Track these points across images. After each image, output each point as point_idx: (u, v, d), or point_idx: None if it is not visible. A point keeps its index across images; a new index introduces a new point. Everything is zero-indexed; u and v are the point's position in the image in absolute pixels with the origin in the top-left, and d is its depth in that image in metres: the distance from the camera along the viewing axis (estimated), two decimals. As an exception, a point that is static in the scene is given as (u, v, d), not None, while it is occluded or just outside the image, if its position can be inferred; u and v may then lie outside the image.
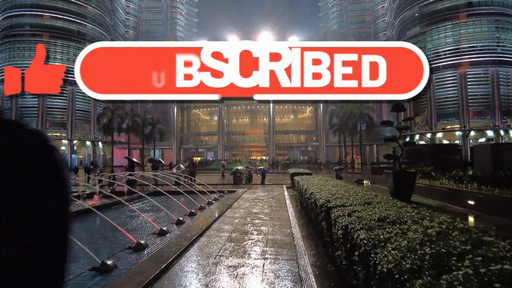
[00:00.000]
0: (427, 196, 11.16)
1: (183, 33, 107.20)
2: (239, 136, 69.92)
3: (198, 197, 11.07)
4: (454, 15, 56.67)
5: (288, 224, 6.76)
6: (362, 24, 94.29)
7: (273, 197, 11.58)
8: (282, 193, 13.06)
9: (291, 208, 8.94)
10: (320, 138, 66.57)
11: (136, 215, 8.77)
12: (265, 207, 9.20)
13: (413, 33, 62.67)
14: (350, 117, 46.97)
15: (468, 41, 55.60)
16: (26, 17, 61.27)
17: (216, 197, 11.25)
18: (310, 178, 9.95)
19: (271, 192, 13.47)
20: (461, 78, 55.93)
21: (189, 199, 10.30)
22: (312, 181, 8.41)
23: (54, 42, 61.91)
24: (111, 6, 76.22)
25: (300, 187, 8.61)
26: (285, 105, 69.92)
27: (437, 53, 58.65)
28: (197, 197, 11.02)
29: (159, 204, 8.92)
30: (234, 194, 12.23)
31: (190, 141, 73.24)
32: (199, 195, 11.58)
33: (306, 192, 7.07)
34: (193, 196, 10.81)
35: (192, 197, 10.66)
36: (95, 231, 7.62)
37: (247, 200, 10.66)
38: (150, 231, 6.75)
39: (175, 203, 9.94)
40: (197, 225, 6.61)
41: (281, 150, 68.76)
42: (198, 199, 10.74)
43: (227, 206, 8.82)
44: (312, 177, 10.18)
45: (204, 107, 72.75)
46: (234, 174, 18.23)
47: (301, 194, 8.47)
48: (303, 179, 9.53)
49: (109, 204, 10.33)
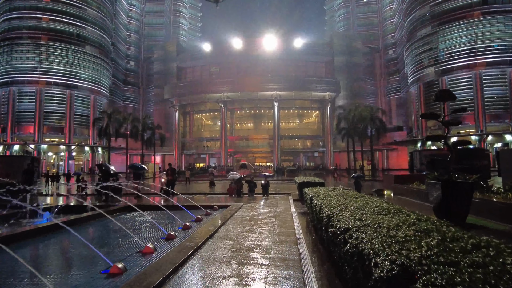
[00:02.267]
0: (481, 215, 8.40)
1: (186, 37, 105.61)
2: (243, 141, 67.37)
3: (177, 216, 8.42)
4: (468, 13, 53.91)
5: (300, 276, 4.09)
6: (370, 26, 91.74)
7: (276, 216, 8.88)
8: (288, 208, 10.36)
9: (301, 237, 6.27)
10: (327, 144, 63.72)
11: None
12: (264, 235, 6.51)
13: (424, 33, 60.00)
14: (360, 120, 44.14)
15: (483, 41, 52.72)
16: (24, 19, 59.94)
17: (200, 217, 8.53)
18: (326, 191, 7.28)
19: (274, 207, 10.76)
20: (476, 79, 52.97)
21: (162, 220, 7.70)
22: (332, 198, 5.78)
23: (53, 45, 60.44)
24: (112, 9, 74.78)
25: (316, 208, 5.94)
26: (290, 109, 67.48)
27: (451, 53, 55.86)
28: (175, 216, 8.38)
29: (110, 231, 6.31)
30: (226, 211, 9.53)
31: (192, 146, 70.88)
32: (180, 213, 8.97)
33: (329, 222, 4.41)
34: (167, 216, 8.23)
35: (165, 217, 8.08)
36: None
37: (241, 221, 7.97)
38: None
39: (136, 227, 7.38)
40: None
41: (286, 156, 65.97)
42: (170, 222, 8.15)
43: (207, 235, 6.15)
44: (328, 190, 7.52)
45: (207, 112, 70.53)
46: (238, 183, 15.53)
47: (317, 219, 5.77)
48: (317, 194, 6.86)
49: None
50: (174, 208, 9.77)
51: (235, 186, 15.38)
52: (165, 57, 75.64)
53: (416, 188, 12.45)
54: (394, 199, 12.96)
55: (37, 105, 58.47)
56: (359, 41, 79.24)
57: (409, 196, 12.93)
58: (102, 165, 13.53)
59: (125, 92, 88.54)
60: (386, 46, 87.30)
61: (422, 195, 11.43)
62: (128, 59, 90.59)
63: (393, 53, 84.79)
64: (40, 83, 59.01)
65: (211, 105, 65.78)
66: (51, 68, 59.84)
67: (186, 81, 70.20)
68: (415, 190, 12.42)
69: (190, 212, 8.76)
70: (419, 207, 9.86)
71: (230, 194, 15.69)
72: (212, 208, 10.28)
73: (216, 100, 62.06)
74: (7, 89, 58.35)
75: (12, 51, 59.19)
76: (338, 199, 5.59)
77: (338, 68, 69.76)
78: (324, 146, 65.35)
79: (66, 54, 61.56)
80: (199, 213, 9.27)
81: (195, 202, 11.66)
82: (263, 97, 61.36)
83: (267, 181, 16.12)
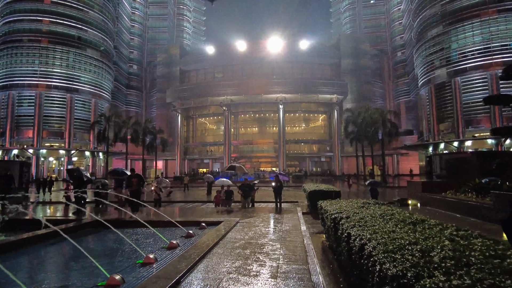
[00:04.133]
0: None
1: (190, 41, 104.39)
2: (247, 146, 65.31)
3: (148, 240, 6.31)
4: (482, 11, 51.48)
5: None
6: (377, 28, 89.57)
7: (281, 239, 6.71)
8: (296, 225, 8.19)
9: (321, 282, 4.11)
10: (335, 148, 61.32)
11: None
12: (263, 277, 4.35)
13: (435, 33, 57.60)
14: (370, 124, 41.70)
15: (499, 39, 50.17)
16: (25, 22, 58.91)
17: (175, 242, 6.22)
18: (353, 207, 5.15)
19: (278, 223, 8.61)
20: (491, 80, 50.32)
21: (121, 247, 5.62)
22: (373, 223, 3.64)
23: (53, 47, 59.24)
24: (115, 12, 73.72)
25: (352, 244, 3.66)
26: (295, 112, 65.31)
27: (464, 53, 53.36)
28: (145, 239, 6.28)
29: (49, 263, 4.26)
30: (215, 230, 7.35)
31: (195, 151, 68.98)
32: (157, 231, 6.86)
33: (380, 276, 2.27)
34: (135, 239, 6.14)
35: (133, 239, 5.98)
36: None
37: (232, 249, 5.79)
38: None
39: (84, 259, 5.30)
40: None
41: (292, 161, 63.71)
42: (131, 252, 6.03)
43: (175, 277, 4.02)
44: (353, 205, 5.39)
45: (210, 116, 68.69)
46: (227, 193, 13.36)
47: (357, 266, 3.46)
48: (344, 213, 4.71)
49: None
50: (152, 224, 7.66)
51: (224, 195, 13.25)
52: (168, 60, 74.17)
53: (454, 199, 10.19)
54: (425, 212, 10.70)
55: (37, 109, 57.10)
56: (367, 43, 77.01)
57: (443, 208, 10.69)
58: (74, 171, 11.52)
59: (127, 96, 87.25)
60: (394, 48, 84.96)
61: (462, 207, 9.19)
62: (131, 63, 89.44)
63: (402, 55, 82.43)
64: (40, 87, 57.72)
65: (215, 108, 63.97)
66: (51, 71, 58.58)
67: (189, 84, 68.57)
68: (453, 201, 10.16)
69: (163, 236, 6.57)
70: (469, 224, 7.63)
71: (216, 204, 13.49)
72: (198, 226, 8.13)
73: (219, 103, 60.23)
74: (6, 93, 57.15)
75: (12, 54, 58.09)
76: (385, 226, 3.44)
77: (345, 70, 67.57)
78: (331, 151, 62.98)
79: (67, 57, 60.30)
80: (179, 233, 7.16)
81: (180, 216, 9.52)
82: (267, 100, 59.33)
83: (279, 184, 13.13)
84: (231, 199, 13.46)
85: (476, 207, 8.38)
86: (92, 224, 8.64)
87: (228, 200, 13.33)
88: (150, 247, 6.21)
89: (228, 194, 13.47)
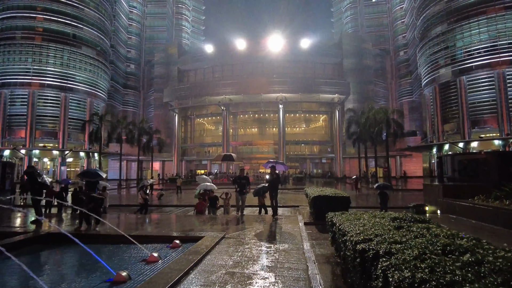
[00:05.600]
0: None
1: (189, 40, 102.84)
2: (246, 147, 63.59)
3: (94, 265, 4.61)
4: (488, 8, 49.86)
5: None
6: (379, 27, 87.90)
7: (276, 269, 4.96)
8: (298, 245, 6.42)
9: None
10: (336, 149, 59.58)
11: None
12: None
13: (439, 31, 55.95)
14: (374, 124, 39.97)
15: (506, 37, 48.48)
16: (18, 19, 57.30)
17: (124, 275, 4.46)
18: (383, 226, 3.45)
19: (273, 240, 6.87)
20: (499, 79, 48.67)
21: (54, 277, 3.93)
22: (440, 265, 1.94)
23: (47, 45, 57.58)
24: (111, 10, 72.16)
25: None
26: (296, 113, 63.61)
27: (469, 51, 51.67)
28: (89, 265, 4.58)
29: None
30: (189, 253, 5.61)
31: (193, 152, 67.27)
32: (115, 250, 5.19)
33: None
34: (78, 264, 4.47)
35: (76, 261, 4.31)
36: None
37: (206, 286, 4.09)
38: None
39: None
40: None
41: (292, 162, 61.90)
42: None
43: None
44: (382, 221, 3.70)
45: (208, 116, 66.98)
46: (211, 200, 11.58)
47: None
48: (378, 244, 2.97)
49: None
50: (114, 240, 5.96)
51: (207, 202, 11.50)
52: (166, 59, 72.51)
53: (488, 206, 8.48)
54: (450, 222, 8.98)
55: (30, 108, 55.45)
56: (369, 42, 75.34)
57: (471, 217, 8.99)
58: (30, 172, 9.77)
59: (125, 96, 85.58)
60: (397, 47, 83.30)
61: (500, 217, 7.48)
62: (129, 62, 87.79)
63: (405, 54, 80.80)
64: (33, 85, 56.08)
65: (213, 108, 62.30)
66: (45, 70, 56.94)
67: (187, 83, 66.92)
68: (487, 210, 8.44)
69: (108, 266, 4.81)
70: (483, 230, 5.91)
71: (199, 212, 11.60)
72: (169, 243, 6.41)
73: (217, 103, 58.57)
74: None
75: (4, 51, 56.44)
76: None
77: (347, 70, 65.86)
78: (332, 152, 61.25)
79: (61, 55, 58.67)
80: (141, 256, 5.47)
81: (153, 228, 7.77)
82: (267, 100, 57.63)
83: (275, 176, 10.55)
84: (216, 206, 11.73)
85: (507, 215, 6.73)
86: (44, 237, 6.94)
87: (213, 207, 11.60)
88: (85, 283, 4.49)
89: (212, 200, 11.73)
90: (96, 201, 7.73)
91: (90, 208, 7.53)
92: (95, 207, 7.64)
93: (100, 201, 7.96)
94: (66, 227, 8.38)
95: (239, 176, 11.37)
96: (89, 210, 7.47)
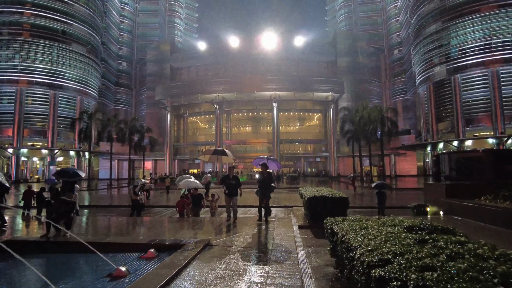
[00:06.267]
0: None
1: (182, 38, 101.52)
2: (240, 146, 62.83)
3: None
4: (482, 6, 49.71)
5: None
6: (373, 25, 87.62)
7: (268, 282, 4.27)
8: (292, 254, 5.71)
9: None
10: (330, 148, 59.13)
11: None
12: None
13: (433, 29, 55.74)
14: (368, 122, 39.52)
15: (500, 35, 48.41)
16: (5, 14, 55.68)
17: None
18: (402, 240, 2.76)
19: (264, 248, 6.14)
20: (493, 77, 48.59)
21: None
22: None
23: (35, 41, 56.07)
24: (102, 6, 70.74)
25: None
26: (290, 111, 63.05)
27: (463, 50, 51.50)
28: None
29: None
30: (159, 268, 4.75)
31: (186, 151, 66.29)
32: (75, 261, 4.45)
33: None
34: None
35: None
36: None
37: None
38: None
39: None
40: None
41: (287, 161, 61.35)
42: None
43: None
44: (396, 231, 3.01)
45: (201, 114, 66.05)
46: (194, 198, 10.74)
47: None
48: (402, 271, 2.24)
49: None
50: (84, 248, 5.20)
51: (190, 201, 10.69)
52: (158, 57, 71.32)
53: (497, 207, 7.88)
54: (457, 224, 8.37)
55: (17, 106, 53.95)
56: (363, 41, 74.99)
57: (477, 219, 8.39)
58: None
59: (116, 94, 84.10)
60: (391, 46, 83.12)
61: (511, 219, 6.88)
62: (120, 60, 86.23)
63: (399, 52, 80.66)
64: (21, 83, 54.56)
65: (207, 107, 61.36)
66: (33, 67, 55.44)
67: (179, 81, 65.84)
68: (496, 211, 7.83)
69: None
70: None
71: (180, 212, 10.83)
72: (144, 251, 5.66)
73: (210, 101, 57.66)
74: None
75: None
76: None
77: (341, 68, 65.46)
78: (327, 151, 60.82)
79: (50, 51, 57.18)
80: (107, 270, 4.72)
81: (128, 233, 7.01)
82: (261, 98, 56.92)
83: (266, 176, 9.04)
84: (200, 206, 10.88)
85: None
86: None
87: (196, 207, 10.76)
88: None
89: (196, 199, 10.82)
90: (68, 205, 6.98)
91: (61, 213, 6.78)
92: (66, 211, 6.88)
93: (71, 204, 7.21)
94: (35, 233, 7.59)
95: (227, 175, 9.55)
96: (60, 214, 6.72)
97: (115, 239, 6.21)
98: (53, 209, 6.75)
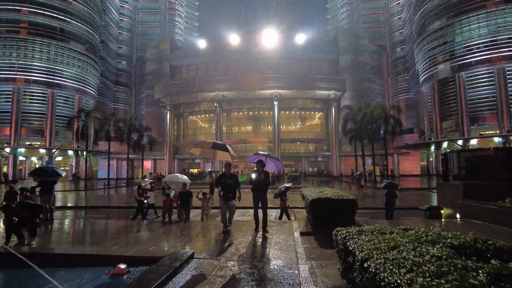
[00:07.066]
0: None
1: (182, 36, 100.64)
2: (241, 145, 61.90)
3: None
4: (488, 2, 48.59)
5: None
6: (375, 23, 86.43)
7: None
8: (293, 270, 4.65)
9: None
10: (332, 147, 58.12)
11: None
12: None
13: (437, 26, 54.63)
14: (371, 121, 38.49)
15: (506, 32, 47.28)
16: (2, 11, 54.90)
17: None
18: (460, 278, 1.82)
19: (258, 263, 5.12)
20: (499, 74, 47.49)
21: None
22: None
23: (32, 39, 55.30)
24: (101, 4, 69.90)
25: None
26: (291, 110, 62.10)
27: (468, 47, 50.40)
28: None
29: None
30: (132, 285, 3.90)
31: (186, 151, 65.37)
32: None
33: None
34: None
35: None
36: None
37: None
38: None
39: None
40: None
41: (288, 160, 60.42)
42: None
43: None
44: (447, 260, 2.08)
45: (201, 113, 65.16)
46: (182, 196, 9.69)
47: None
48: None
49: None
50: (47, 260, 4.30)
51: (177, 199, 9.66)
52: (158, 56, 70.45)
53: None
54: (480, 229, 7.40)
55: (14, 105, 53.20)
56: (365, 39, 73.93)
57: (502, 223, 7.44)
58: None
59: (116, 93, 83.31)
60: (394, 43, 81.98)
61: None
62: (120, 58, 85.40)
63: (401, 50, 79.51)
64: (18, 81, 53.79)
65: (207, 105, 60.46)
66: (31, 65, 54.66)
67: (179, 79, 64.95)
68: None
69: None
70: None
71: (167, 213, 9.75)
72: (113, 266, 4.70)
73: (210, 100, 56.77)
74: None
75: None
76: None
77: (343, 66, 64.40)
78: (328, 150, 59.80)
79: (48, 50, 56.39)
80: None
81: (102, 241, 6.08)
82: (262, 96, 55.94)
83: (263, 176, 7.47)
84: (189, 205, 9.76)
85: None
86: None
87: (185, 206, 9.67)
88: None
89: (184, 196, 9.67)
90: (32, 209, 6.10)
91: (24, 218, 5.91)
92: (30, 216, 6.00)
93: (37, 208, 6.31)
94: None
95: (223, 174, 7.91)
96: (23, 219, 5.85)
97: (85, 249, 5.30)
98: (13, 213, 5.87)
